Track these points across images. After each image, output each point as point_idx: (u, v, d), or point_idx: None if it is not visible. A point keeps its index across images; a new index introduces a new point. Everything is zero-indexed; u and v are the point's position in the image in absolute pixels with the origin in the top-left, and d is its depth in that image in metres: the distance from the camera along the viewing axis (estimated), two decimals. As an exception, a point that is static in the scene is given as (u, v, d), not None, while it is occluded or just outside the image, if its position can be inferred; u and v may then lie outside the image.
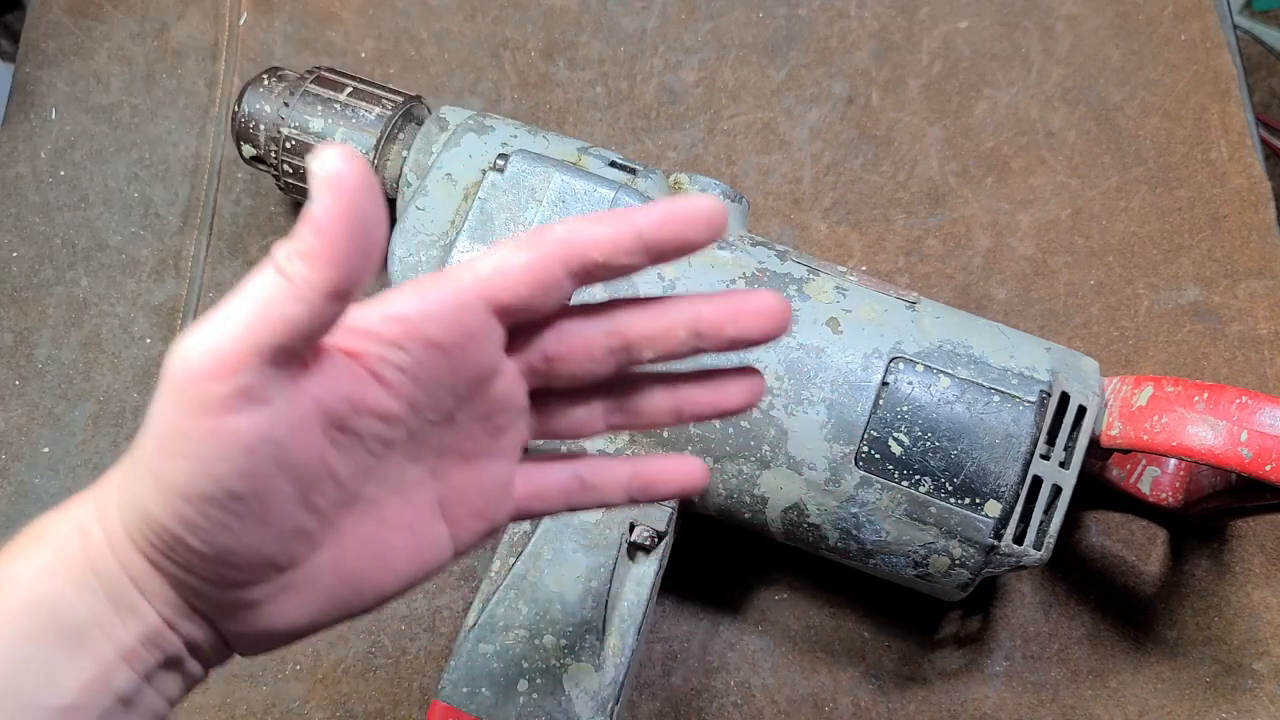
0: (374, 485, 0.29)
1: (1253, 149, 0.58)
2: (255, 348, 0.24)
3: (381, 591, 0.30)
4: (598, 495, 0.32)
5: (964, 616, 0.51)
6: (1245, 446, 0.39)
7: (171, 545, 0.27)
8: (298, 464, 0.26)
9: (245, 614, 0.29)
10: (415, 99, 0.51)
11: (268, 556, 0.27)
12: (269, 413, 0.25)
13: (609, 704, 0.41)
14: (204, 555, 0.27)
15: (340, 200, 0.24)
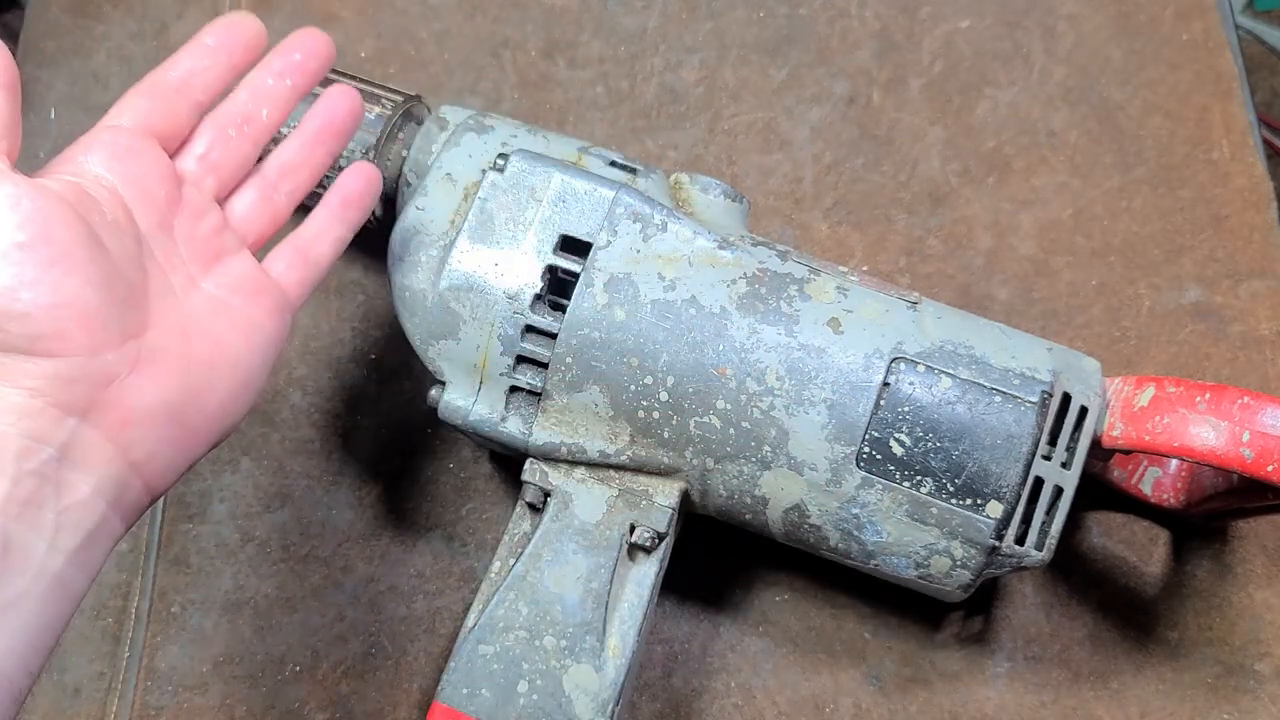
0: (156, 281, 0.35)
1: (1255, 149, 0.58)
2: None
3: (234, 366, 0.36)
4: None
5: (965, 617, 0.50)
6: (1247, 447, 0.39)
7: (2, 324, 0.30)
8: (65, 220, 0.32)
9: (110, 395, 0.32)
10: (415, 98, 0.51)
11: (94, 306, 0.32)
12: (9, 182, 0.31)
13: (609, 705, 0.41)
14: (36, 315, 0.30)
15: None
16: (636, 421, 0.43)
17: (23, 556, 0.29)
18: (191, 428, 0.35)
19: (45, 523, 0.30)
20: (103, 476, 0.32)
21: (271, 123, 0.40)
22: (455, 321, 0.44)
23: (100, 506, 0.32)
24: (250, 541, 0.52)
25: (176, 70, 0.38)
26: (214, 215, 0.38)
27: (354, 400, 0.54)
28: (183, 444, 0.35)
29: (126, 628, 0.51)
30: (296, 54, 0.40)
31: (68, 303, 0.31)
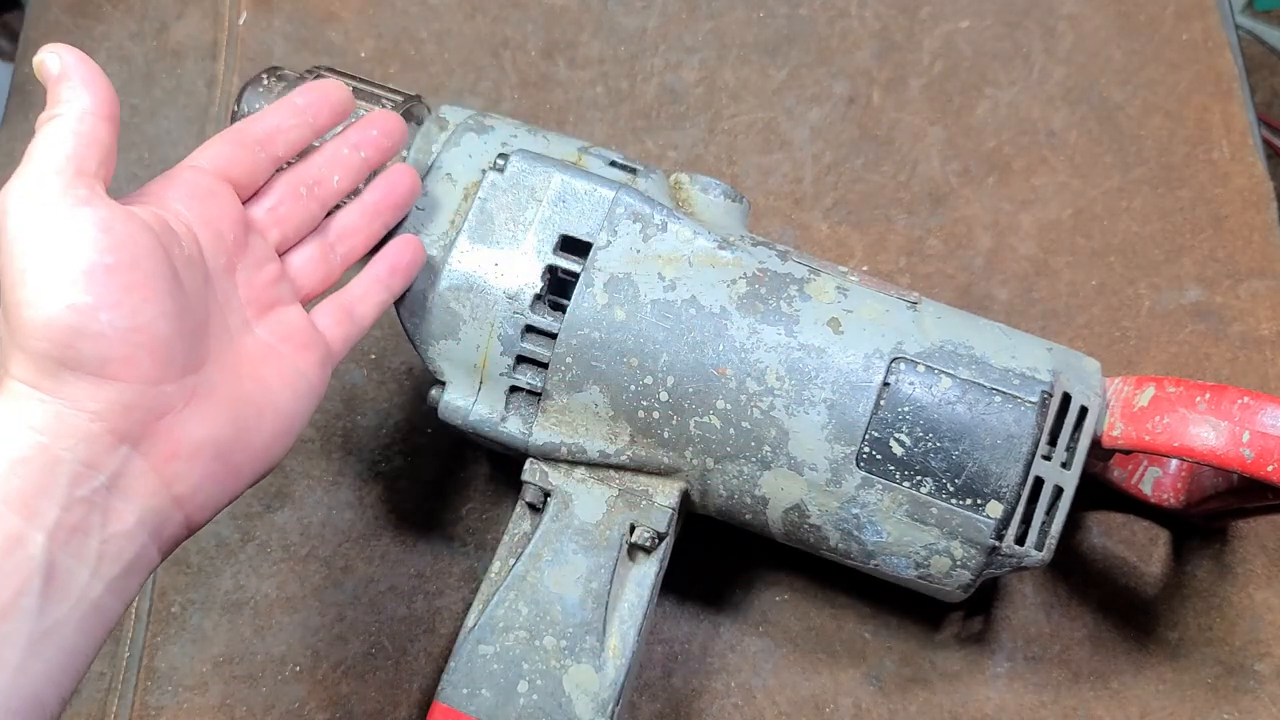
0: (216, 320, 0.36)
1: (1254, 149, 0.58)
2: (71, 160, 0.32)
3: (277, 411, 0.37)
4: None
5: (965, 617, 0.50)
6: (1247, 447, 0.39)
7: (74, 342, 0.30)
8: (150, 248, 0.32)
9: (163, 427, 0.32)
10: (415, 98, 0.51)
11: (165, 337, 0.32)
12: (104, 206, 0.32)
13: (609, 705, 0.41)
14: (110, 336, 0.30)
15: (66, 56, 0.33)
16: (636, 421, 0.43)
17: (66, 583, 0.30)
18: (234, 466, 0.35)
19: (89, 550, 0.30)
20: (146, 508, 0.32)
21: (340, 189, 0.41)
22: (455, 321, 0.44)
23: (142, 537, 0.32)
24: (250, 541, 0.52)
25: (263, 125, 0.39)
26: (274, 265, 0.39)
27: (354, 400, 0.54)
28: (225, 481, 0.35)
29: (126, 628, 0.51)
30: (374, 130, 0.42)
31: (142, 329, 0.31)
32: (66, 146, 0.32)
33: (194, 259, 0.35)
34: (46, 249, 0.31)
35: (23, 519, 0.29)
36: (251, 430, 0.36)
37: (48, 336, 0.30)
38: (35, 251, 0.30)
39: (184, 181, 0.37)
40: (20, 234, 0.31)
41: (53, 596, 0.29)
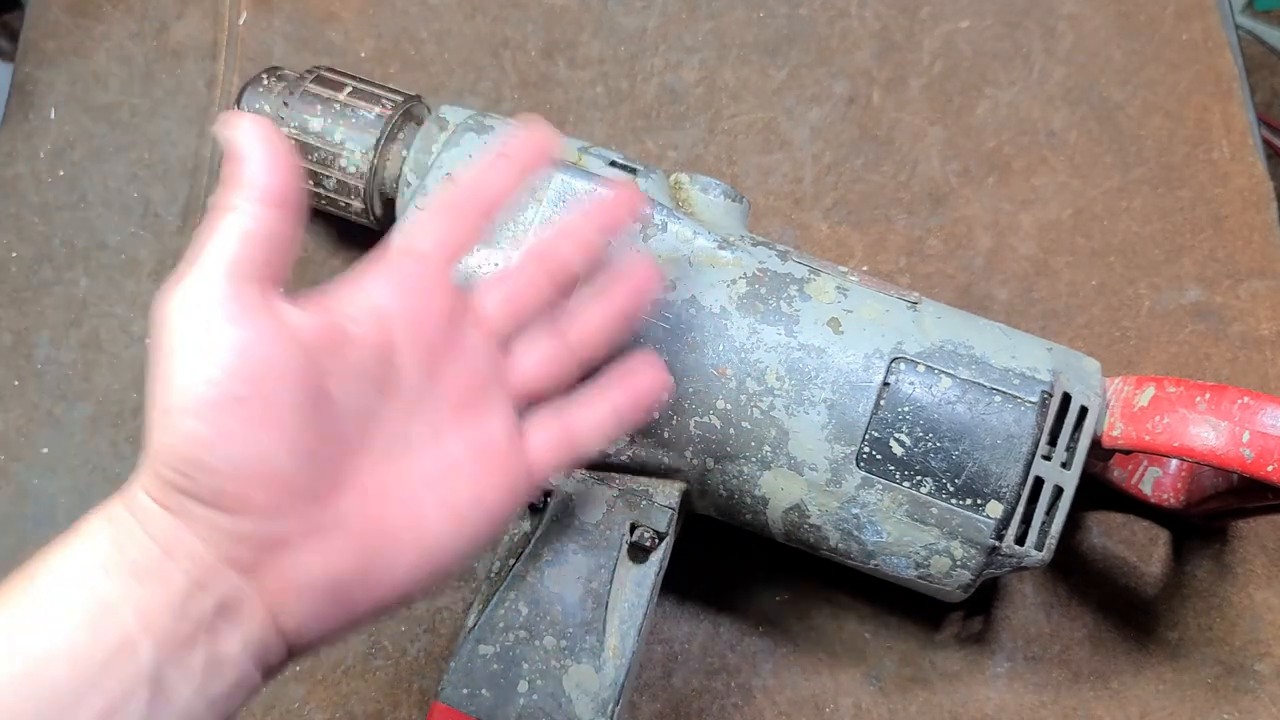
0: (383, 437, 0.32)
1: (1255, 149, 0.58)
2: (233, 264, 0.29)
3: (422, 544, 0.32)
4: (591, 434, 0.36)
5: (965, 617, 0.50)
6: (1247, 447, 0.39)
7: (191, 473, 0.29)
8: (291, 375, 0.30)
9: (280, 559, 0.30)
10: (415, 99, 0.51)
11: (287, 472, 0.29)
12: (251, 325, 0.29)
13: (609, 705, 0.41)
14: (225, 471, 0.29)
15: (252, 136, 0.30)
16: (636, 421, 0.43)
17: (171, 696, 0.29)
18: (351, 605, 0.32)
19: (195, 667, 0.29)
20: (251, 636, 0.30)
21: (579, 275, 0.36)
22: (455, 321, 0.43)
23: (246, 663, 0.30)
24: (250, 541, 0.52)
25: (483, 190, 0.35)
26: (490, 362, 0.34)
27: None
28: (334, 621, 0.32)
29: (126, 628, 0.51)
30: (626, 216, 0.37)
31: (260, 464, 0.29)
32: (230, 249, 0.29)
33: (366, 371, 0.31)
34: (181, 374, 0.29)
35: (138, 624, 0.28)
36: (381, 568, 0.32)
37: (169, 463, 0.29)
38: (171, 373, 0.29)
39: (399, 273, 0.33)
40: (164, 349, 0.29)
41: (157, 706, 0.28)
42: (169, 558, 0.29)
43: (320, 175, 0.50)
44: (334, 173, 0.49)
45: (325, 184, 0.50)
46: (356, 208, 0.50)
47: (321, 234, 0.57)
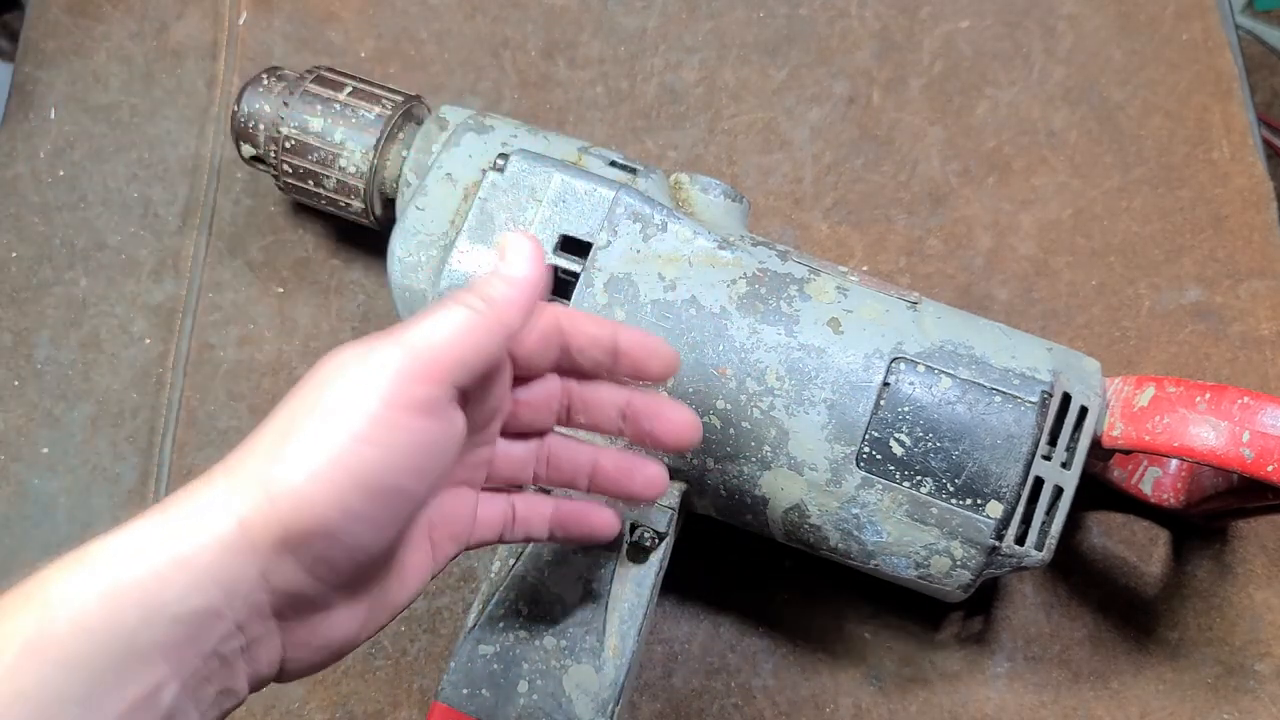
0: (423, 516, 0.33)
1: (1254, 149, 0.58)
2: (460, 363, 0.29)
3: (395, 610, 0.33)
4: (524, 529, 0.37)
5: (965, 617, 0.50)
6: (1247, 447, 0.39)
7: (314, 542, 0.28)
8: (435, 476, 0.29)
9: (322, 619, 0.30)
10: (415, 99, 0.51)
11: (380, 557, 0.30)
12: (449, 425, 0.29)
13: (609, 705, 0.41)
14: (346, 547, 0.28)
15: (534, 267, 0.31)
16: (636, 421, 0.43)
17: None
18: (338, 652, 0.32)
19: (205, 699, 0.29)
20: (258, 673, 0.30)
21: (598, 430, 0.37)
22: (455, 321, 0.43)
23: (244, 691, 0.30)
24: (250, 541, 0.52)
25: (609, 337, 0.35)
26: (489, 450, 0.35)
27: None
28: (324, 662, 0.32)
29: (126, 628, 0.51)
30: (655, 426, 0.36)
31: (371, 547, 0.29)
32: (458, 345, 0.29)
33: (448, 463, 0.30)
34: (359, 443, 0.27)
35: (169, 668, 0.27)
36: (374, 624, 0.32)
37: (298, 516, 0.27)
38: (347, 435, 0.27)
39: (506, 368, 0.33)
40: (348, 405, 0.27)
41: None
42: (226, 599, 0.28)
43: (320, 175, 0.50)
44: (334, 173, 0.49)
45: (325, 184, 0.50)
46: (356, 208, 0.50)
47: (321, 234, 0.57)
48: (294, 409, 0.28)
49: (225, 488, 0.28)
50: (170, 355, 0.55)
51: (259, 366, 0.55)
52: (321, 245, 0.57)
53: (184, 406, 0.54)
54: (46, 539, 0.52)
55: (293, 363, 0.55)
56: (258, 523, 0.27)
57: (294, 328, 0.55)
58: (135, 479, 0.53)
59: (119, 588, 0.27)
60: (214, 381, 0.55)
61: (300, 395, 0.28)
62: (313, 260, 0.57)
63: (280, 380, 0.55)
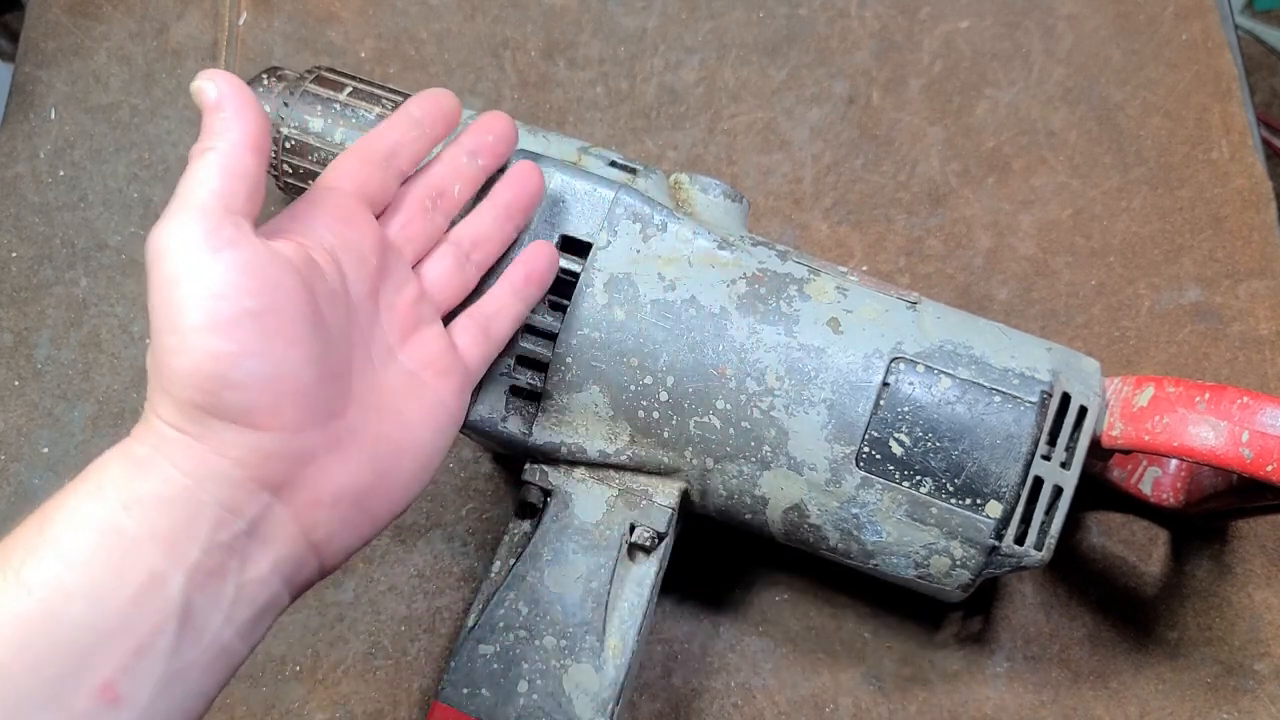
0: (359, 355, 0.35)
1: (1254, 149, 0.58)
2: (218, 197, 0.31)
3: (417, 449, 0.36)
4: (508, 314, 0.41)
5: (965, 617, 0.50)
6: (1247, 447, 0.39)
7: (216, 390, 0.29)
8: (293, 291, 0.31)
9: (305, 475, 0.32)
10: (415, 99, 0.51)
11: (308, 385, 0.31)
12: (249, 246, 0.31)
13: (609, 705, 0.41)
14: (252, 384, 0.30)
15: (221, 84, 0.32)
16: (636, 421, 0.43)
17: (200, 626, 0.29)
18: (371, 512, 0.34)
19: (225, 595, 0.30)
20: (282, 554, 0.31)
21: (461, 198, 0.40)
22: (455, 321, 0.44)
23: (276, 583, 0.31)
24: (250, 541, 0.52)
25: (387, 139, 0.38)
26: (413, 284, 0.38)
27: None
28: (361, 528, 0.34)
29: (126, 628, 0.51)
30: (489, 136, 0.41)
31: (285, 377, 0.31)
32: (214, 183, 0.31)
33: (337, 292, 0.34)
34: (191, 294, 0.30)
35: (165, 558, 0.28)
36: (392, 472, 0.35)
37: (192, 384, 0.29)
38: (181, 297, 0.30)
39: (326, 205, 0.36)
40: (167, 278, 0.30)
41: (186, 639, 0.29)
42: (196, 485, 0.29)
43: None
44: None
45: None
46: (356, 208, 0.50)
47: (321, 234, 0.57)
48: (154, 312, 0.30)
49: (147, 411, 0.31)
50: (170, 355, 0.55)
51: (259, 366, 0.55)
52: (321, 245, 0.57)
53: (184, 406, 0.54)
54: (47, 539, 0.52)
55: (293, 363, 0.55)
56: (168, 409, 0.30)
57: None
58: (135, 479, 0.53)
59: (100, 488, 0.30)
60: (214, 381, 0.55)
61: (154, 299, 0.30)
62: (313, 260, 0.57)
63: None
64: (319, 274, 0.33)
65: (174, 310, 0.30)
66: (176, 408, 0.30)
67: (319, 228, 0.35)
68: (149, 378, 0.31)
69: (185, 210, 0.31)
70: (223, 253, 0.30)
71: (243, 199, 0.31)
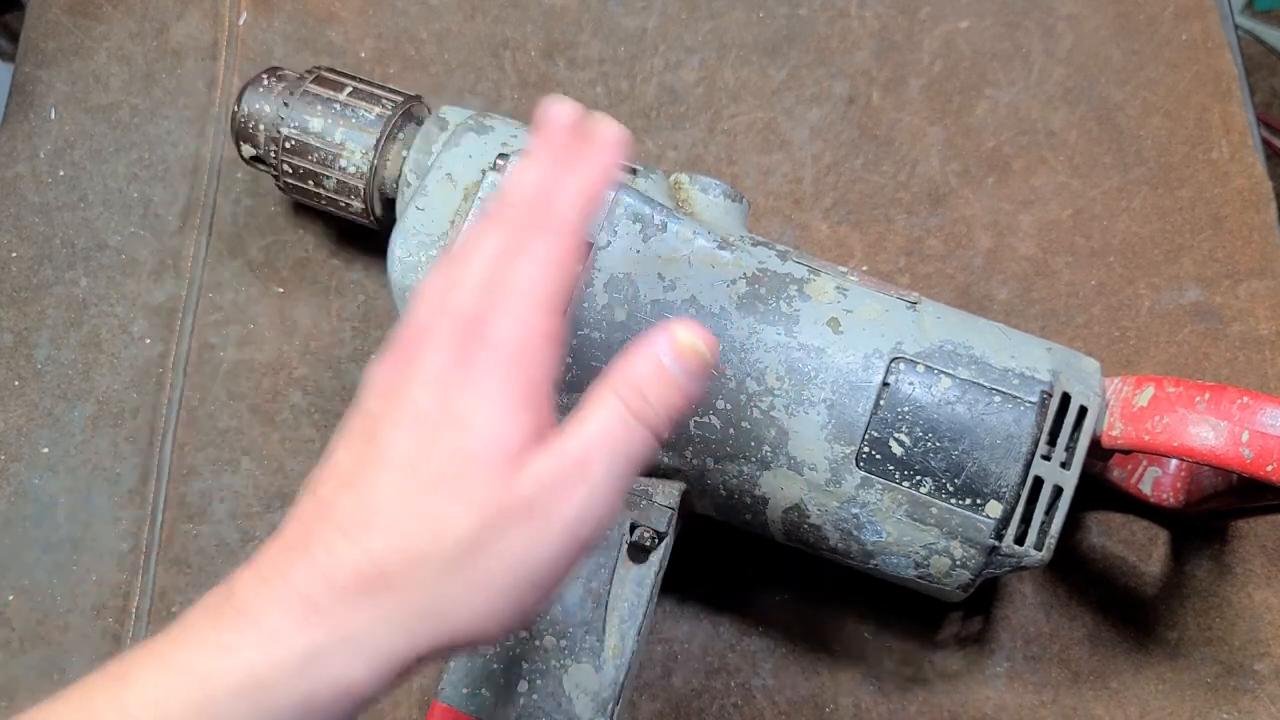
0: None
1: (1254, 149, 0.58)
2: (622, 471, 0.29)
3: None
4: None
5: (965, 617, 0.50)
6: (1247, 447, 0.39)
7: (451, 641, 0.28)
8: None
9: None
10: (415, 99, 0.51)
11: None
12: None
13: (609, 705, 0.41)
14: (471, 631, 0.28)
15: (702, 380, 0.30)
16: (636, 421, 0.43)
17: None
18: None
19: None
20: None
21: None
22: (455, 321, 0.43)
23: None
24: (250, 541, 0.52)
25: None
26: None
27: (354, 400, 0.54)
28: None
29: (127, 628, 0.51)
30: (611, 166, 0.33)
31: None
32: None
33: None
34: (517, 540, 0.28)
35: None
36: None
37: (438, 625, 0.28)
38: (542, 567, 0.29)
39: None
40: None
41: None
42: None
43: (320, 175, 0.50)
44: (334, 173, 0.49)
45: (325, 184, 0.50)
46: (356, 208, 0.50)
47: (321, 234, 0.57)
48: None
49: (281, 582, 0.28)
50: (170, 355, 0.55)
51: (259, 366, 0.55)
52: (321, 245, 0.57)
53: (184, 406, 0.54)
54: (46, 539, 0.52)
55: (293, 363, 0.55)
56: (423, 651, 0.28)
57: (294, 328, 0.56)
58: (135, 479, 0.53)
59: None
60: (214, 381, 0.55)
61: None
62: (313, 260, 0.57)
63: (280, 380, 0.55)
64: None
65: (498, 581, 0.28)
66: (428, 647, 0.28)
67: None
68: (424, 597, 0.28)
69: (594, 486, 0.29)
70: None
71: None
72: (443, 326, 0.30)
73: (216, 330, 0.55)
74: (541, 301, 0.30)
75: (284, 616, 0.27)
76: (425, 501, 0.28)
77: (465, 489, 0.28)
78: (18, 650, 0.51)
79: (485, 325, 0.29)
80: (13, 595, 0.52)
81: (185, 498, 0.53)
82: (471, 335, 0.29)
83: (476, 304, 0.30)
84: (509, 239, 0.31)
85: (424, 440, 0.28)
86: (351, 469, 0.29)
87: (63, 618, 0.51)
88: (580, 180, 0.31)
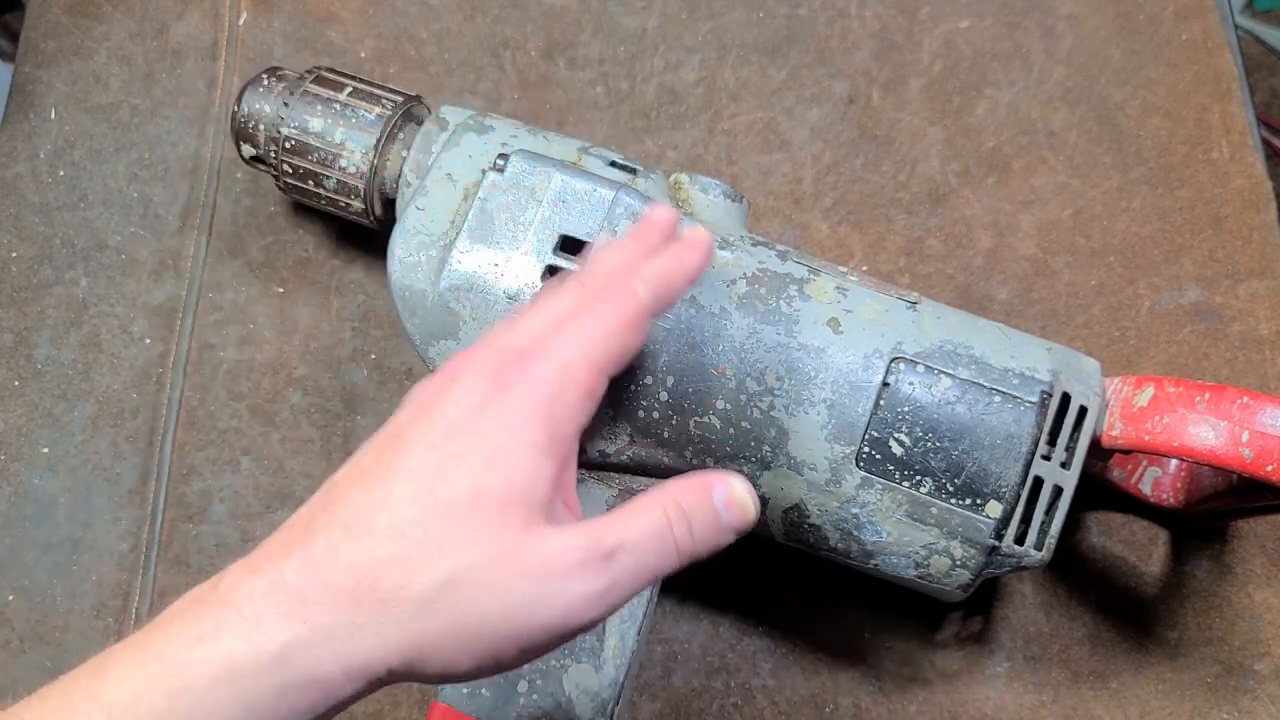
0: None
1: (1254, 149, 0.58)
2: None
3: None
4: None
5: (965, 617, 0.50)
6: (1246, 447, 0.39)
7: (427, 671, 0.28)
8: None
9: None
10: (415, 99, 0.51)
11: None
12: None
13: (609, 705, 0.41)
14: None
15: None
16: (636, 422, 0.43)
17: None
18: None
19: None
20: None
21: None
22: (455, 321, 0.44)
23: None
24: (250, 541, 0.52)
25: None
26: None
27: (354, 400, 0.54)
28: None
29: (126, 628, 0.51)
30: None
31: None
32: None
33: None
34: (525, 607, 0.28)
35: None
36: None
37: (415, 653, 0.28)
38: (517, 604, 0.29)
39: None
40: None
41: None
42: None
43: (320, 175, 0.50)
44: (334, 173, 0.49)
45: (325, 184, 0.50)
46: (356, 208, 0.50)
47: (321, 234, 0.57)
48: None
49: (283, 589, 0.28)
50: (170, 355, 0.55)
51: (259, 366, 0.55)
52: (321, 245, 0.57)
53: (184, 406, 0.54)
54: (46, 539, 0.52)
55: (293, 363, 0.55)
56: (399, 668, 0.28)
57: (294, 328, 0.56)
58: (135, 479, 0.53)
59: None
60: (214, 381, 0.55)
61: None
62: (313, 260, 0.57)
63: (280, 380, 0.55)
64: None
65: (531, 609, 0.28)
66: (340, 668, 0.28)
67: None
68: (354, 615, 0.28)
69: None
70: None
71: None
72: (489, 356, 0.30)
73: (216, 330, 0.55)
74: (591, 355, 0.30)
75: (269, 606, 0.27)
76: (434, 523, 0.28)
77: (475, 525, 0.28)
78: (18, 650, 0.51)
79: (529, 361, 0.30)
80: (13, 595, 0.52)
81: (185, 498, 0.53)
82: (513, 367, 0.30)
83: (528, 343, 0.30)
84: (579, 301, 0.32)
85: (445, 460, 0.29)
86: (369, 468, 0.29)
87: (63, 618, 0.51)
88: (661, 265, 0.32)
